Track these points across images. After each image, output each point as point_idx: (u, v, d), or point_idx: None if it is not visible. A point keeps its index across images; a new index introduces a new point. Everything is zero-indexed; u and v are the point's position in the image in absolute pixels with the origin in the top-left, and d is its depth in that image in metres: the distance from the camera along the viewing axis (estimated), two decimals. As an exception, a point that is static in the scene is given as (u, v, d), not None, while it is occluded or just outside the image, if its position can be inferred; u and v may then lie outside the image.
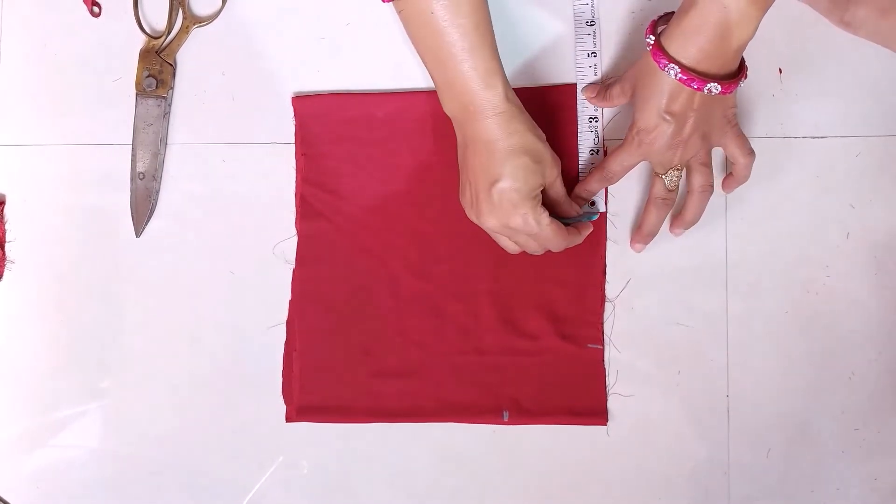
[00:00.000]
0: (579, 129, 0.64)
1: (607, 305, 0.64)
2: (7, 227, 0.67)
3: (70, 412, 0.66)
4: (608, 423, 0.64)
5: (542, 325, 0.64)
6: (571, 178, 0.64)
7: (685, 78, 0.54)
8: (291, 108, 0.66)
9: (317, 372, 0.65)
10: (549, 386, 0.64)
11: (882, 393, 0.63)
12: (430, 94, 0.65)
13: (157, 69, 0.66)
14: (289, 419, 0.65)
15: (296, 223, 0.65)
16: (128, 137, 0.66)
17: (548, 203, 0.60)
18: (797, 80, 0.64)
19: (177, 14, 0.66)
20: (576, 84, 0.65)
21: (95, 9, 0.67)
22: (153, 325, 0.66)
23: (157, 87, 0.66)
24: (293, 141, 0.66)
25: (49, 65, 0.67)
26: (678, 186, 0.61)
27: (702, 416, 0.64)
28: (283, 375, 0.65)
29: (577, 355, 0.64)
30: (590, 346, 0.64)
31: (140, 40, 0.67)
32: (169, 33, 0.66)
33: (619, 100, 0.61)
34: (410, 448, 0.65)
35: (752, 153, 0.61)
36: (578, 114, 0.64)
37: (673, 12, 0.57)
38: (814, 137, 0.64)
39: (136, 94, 0.66)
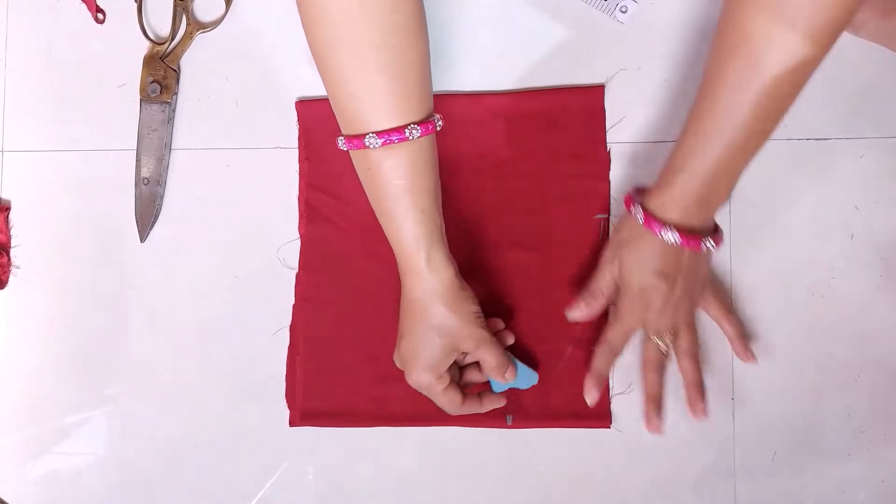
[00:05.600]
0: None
1: (611, 308, 0.64)
2: (12, 232, 0.67)
3: (75, 418, 0.66)
4: (612, 427, 0.64)
5: (545, 328, 0.64)
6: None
7: (682, 240, 0.56)
8: (295, 113, 0.66)
9: (320, 376, 0.65)
10: (552, 389, 0.64)
11: (888, 395, 0.63)
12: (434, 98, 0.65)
13: (161, 75, 0.66)
14: (292, 423, 0.65)
15: (299, 227, 0.66)
16: (132, 143, 0.66)
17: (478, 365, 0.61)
18: (800, 83, 0.64)
19: (181, 20, 0.67)
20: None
21: (100, 15, 0.67)
22: (157, 330, 0.66)
23: (161, 93, 0.66)
24: (297, 146, 0.66)
25: (53, 71, 0.68)
26: (670, 347, 0.62)
27: (707, 420, 0.63)
28: (287, 380, 0.65)
29: (581, 357, 0.64)
30: (594, 348, 0.63)
31: (144, 46, 0.67)
32: (173, 39, 0.67)
33: (608, 291, 0.61)
34: (415, 452, 0.65)
35: (732, 311, 0.63)
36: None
37: (644, 187, 0.60)
38: (817, 139, 0.64)
39: (141, 100, 0.66)
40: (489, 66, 0.66)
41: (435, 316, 0.56)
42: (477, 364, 0.61)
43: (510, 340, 0.63)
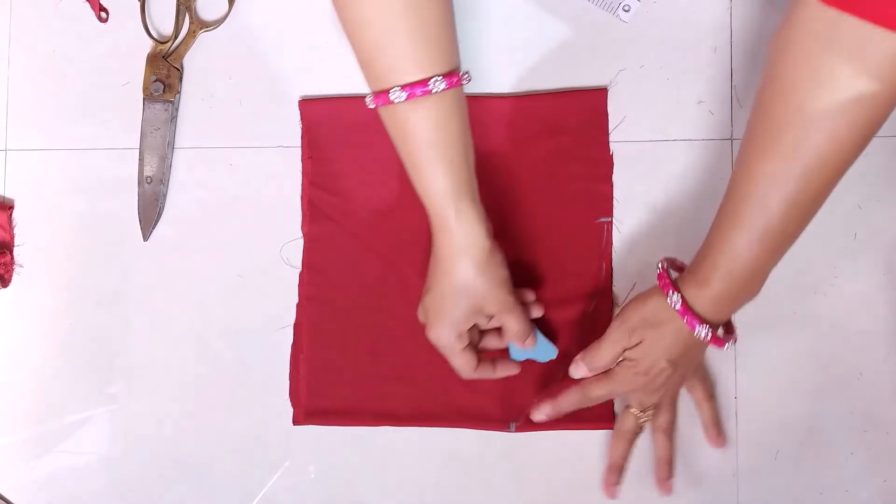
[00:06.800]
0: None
1: (615, 310, 0.64)
2: (15, 231, 0.67)
3: (78, 417, 0.66)
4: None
5: (547, 332, 0.63)
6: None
7: (713, 341, 0.56)
8: (298, 112, 0.66)
9: (324, 375, 0.65)
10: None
11: (890, 394, 0.63)
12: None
13: (164, 73, 0.66)
14: (296, 422, 0.65)
15: (302, 226, 0.66)
16: (135, 142, 0.67)
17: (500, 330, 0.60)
18: (803, 82, 0.64)
19: (184, 19, 0.67)
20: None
21: (103, 14, 0.67)
22: (161, 328, 0.66)
23: (164, 92, 0.66)
24: (300, 144, 0.66)
25: (57, 70, 0.68)
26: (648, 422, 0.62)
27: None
28: (291, 378, 0.65)
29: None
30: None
31: (147, 45, 0.67)
32: (176, 38, 0.67)
33: (611, 362, 0.59)
34: (418, 452, 0.65)
35: (713, 397, 0.63)
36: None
37: (675, 262, 0.59)
38: (820, 138, 0.64)
39: (144, 99, 0.66)
40: (490, 66, 0.65)
41: (462, 276, 0.55)
42: (497, 330, 0.61)
43: (537, 313, 0.62)
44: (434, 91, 0.52)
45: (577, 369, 0.60)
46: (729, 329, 0.59)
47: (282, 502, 0.65)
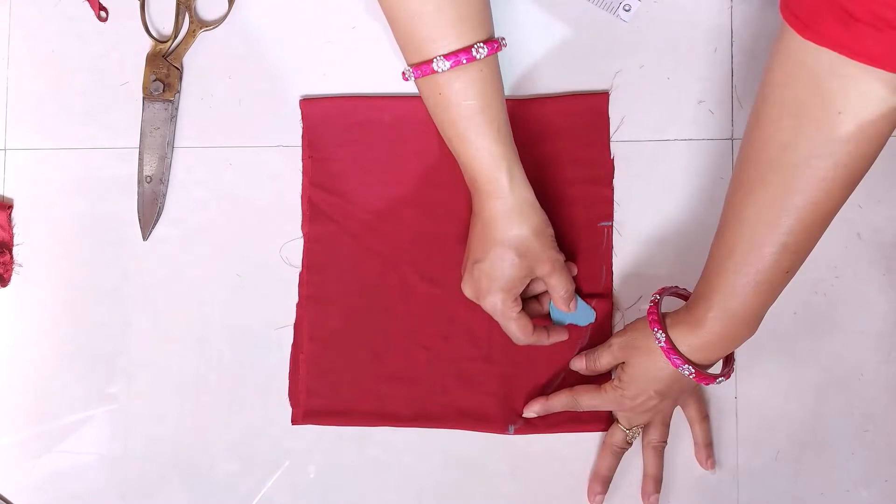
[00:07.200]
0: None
1: (615, 314, 0.64)
2: (15, 230, 0.67)
3: (77, 417, 0.66)
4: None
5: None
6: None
7: (697, 378, 0.56)
8: (299, 111, 0.66)
9: (323, 374, 0.65)
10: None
11: (892, 394, 0.63)
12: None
13: (164, 73, 0.66)
14: (295, 422, 0.65)
15: (302, 226, 0.66)
16: (135, 141, 0.66)
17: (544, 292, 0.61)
18: (803, 81, 0.64)
19: (183, 18, 0.67)
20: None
21: (102, 13, 0.67)
22: (160, 328, 0.66)
23: (164, 91, 0.66)
24: (300, 144, 0.66)
25: (56, 69, 0.68)
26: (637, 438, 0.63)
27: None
28: (290, 378, 0.65)
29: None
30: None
31: (147, 44, 0.67)
32: (176, 37, 0.67)
33: (607, 367, 0.61)
34: (417, 452, 0.65)
35: (707, 418, 0.63)
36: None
37: (669, 289, 0.60)
38: (820, 138, 0.64)
39: (144, 98, 0.66)
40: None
41: (516, 236, 0.56)
42: (535, 298, 0.62)
43: (574, 271, 0.62)
44: (478, 57, 0.53)
45: (578, 361, 0.62)
46: (728, 360, 0.59)
47: (282, 502, 0.65)
